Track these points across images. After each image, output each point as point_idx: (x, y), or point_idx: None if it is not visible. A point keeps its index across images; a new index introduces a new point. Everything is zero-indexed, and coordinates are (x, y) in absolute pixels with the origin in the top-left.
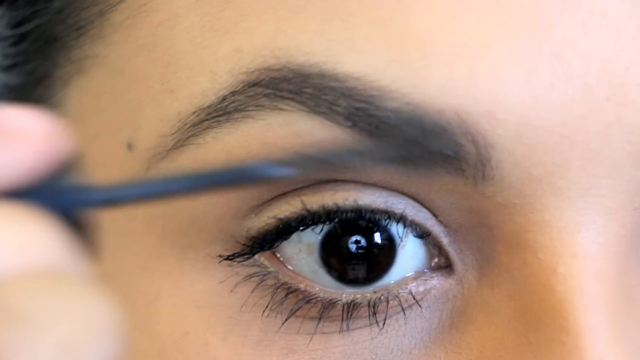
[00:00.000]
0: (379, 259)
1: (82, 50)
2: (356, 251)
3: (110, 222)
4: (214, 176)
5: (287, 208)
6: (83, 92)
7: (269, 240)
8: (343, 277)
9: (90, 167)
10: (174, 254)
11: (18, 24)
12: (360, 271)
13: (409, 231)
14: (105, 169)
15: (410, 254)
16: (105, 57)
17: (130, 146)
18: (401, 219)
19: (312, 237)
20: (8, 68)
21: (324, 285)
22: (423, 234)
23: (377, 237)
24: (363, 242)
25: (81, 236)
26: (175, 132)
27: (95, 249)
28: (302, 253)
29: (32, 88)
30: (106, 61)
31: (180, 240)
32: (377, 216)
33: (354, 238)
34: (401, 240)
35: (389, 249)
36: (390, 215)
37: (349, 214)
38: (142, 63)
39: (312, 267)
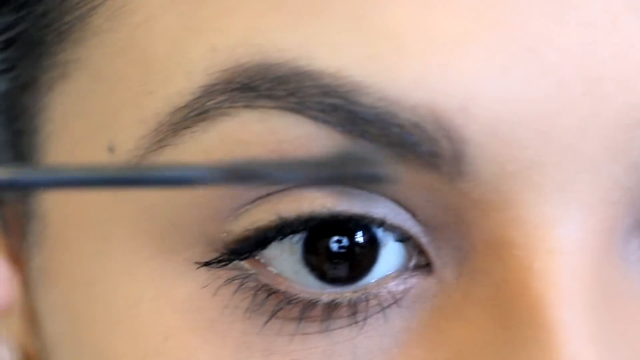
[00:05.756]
0: (361, 258)
1: (65, 54)
2: (338, 250)
3: (94, 226)
4: (127, 172)
5: (264, 217)
6: (66, 97)
7: (246, 250)
8: (325, 277)
9: None
10: (157, 257)
11: (4, 30)
12: (342, 270)
13: (389, 235)
14: None
15: (391, 253)
16: (86, 61)
17: (111, 149)
18: (382, 224)
19: (294, 237)
20: None
21: (306, 285)
22: (403, 238)
23: (359, 236)
24: (345, 241)
25: None
26: (153, 133)
27: None
28: (284, 254)
29: (19, 94)
30: (87, 65)
31: (162, 243)
32: (359, 221)
33: (335, 237)
34: (378, 239)
35: (371, 248)
36: (369, 220)
37: (325, 221)
38: (122, 65)
39: (294, 268)
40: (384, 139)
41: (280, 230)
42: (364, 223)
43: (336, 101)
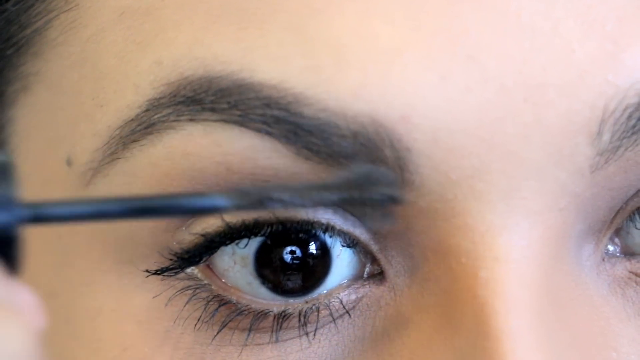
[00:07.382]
0: (314, 269)
1: (26, 67)
2: (291, 262)
3: (56, 239)
4: (150, 202)
5: (212, 224)
6: (27, 110)
7: (195, 255)
8: (277, 288)
9: (34, 185)
10: (115, 268)
11: None
12: (295, 281)
13: (337, 240)
14: (49, 185)
15: (345, 263)
16: (44, 74)
17: (69, 162)
18: (328, 228)
19: (245, 249)
20: None
21: (260, 297)
22: (351, 243)
23: (312, 247)
24: (298, 252)
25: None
26: (105, 147)
27: (18, 264)
28: (237, 266)
29: None
30: (45, 78)
31: (120, 255)
32: (303, 227)
33: (288, 248)
34: (330, 249)
35: (324, 259)
36: (315, 225)
37: (273, 227)
38: (75, 79)
39: (247, 279)
40: (327, 149)
41: (227, 235)
42: (311, 229)
43: (278, 113)
